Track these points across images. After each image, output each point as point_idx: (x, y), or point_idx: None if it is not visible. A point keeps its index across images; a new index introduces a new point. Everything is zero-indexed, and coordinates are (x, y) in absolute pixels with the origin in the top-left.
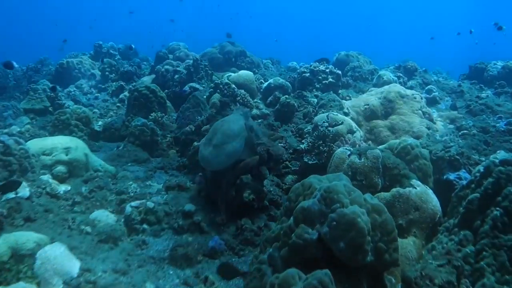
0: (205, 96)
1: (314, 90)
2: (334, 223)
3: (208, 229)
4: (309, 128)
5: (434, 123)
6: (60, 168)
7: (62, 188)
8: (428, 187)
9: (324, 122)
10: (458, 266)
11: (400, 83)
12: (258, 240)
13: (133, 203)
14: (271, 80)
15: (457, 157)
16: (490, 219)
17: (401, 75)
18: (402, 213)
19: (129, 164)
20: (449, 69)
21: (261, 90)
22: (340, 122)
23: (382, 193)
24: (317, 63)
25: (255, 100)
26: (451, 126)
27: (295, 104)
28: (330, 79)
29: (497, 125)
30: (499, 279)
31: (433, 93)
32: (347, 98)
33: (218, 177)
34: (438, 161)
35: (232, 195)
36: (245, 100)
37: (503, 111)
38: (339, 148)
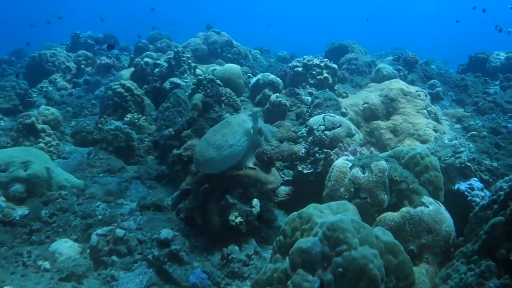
0: (187, 93)
1: (307, 86)
2: (341, 269)
3: (188, 259)
4: (303, 131)
5: (440, 123)
6: (17, 187)
7: (19, 212)
8: (440, 204)
9: (320, 125)
10: None
11: (400, 76)
12: (247, 271)
13: (99, 231)
14: (259, 76)
15: (468, 164)
16: None
17: (401, 68)
18: (413, 237)
19: (101, 175)
20: (443, 57)
21: (249, 86)
22: (338, 125)
23: (389, 213)
24: (311, 56)
25: (242, 98)
26: (458, 125)
27: (287, 103)
28: (325, 74)
29: (509, 125)
30: None
31: (437, 88)
32: (344, 95)
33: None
34: (447, 169)
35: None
36: (231, 100)
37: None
38: (337, 155)
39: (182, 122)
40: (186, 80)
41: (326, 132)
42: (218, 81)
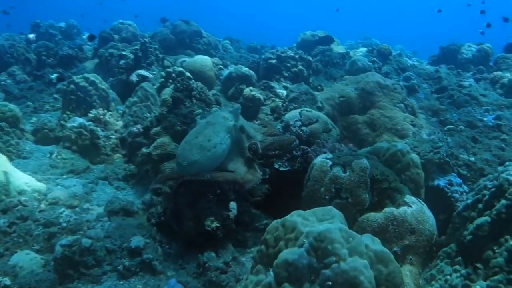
0: (155, 87)
1: (282, 79)
2: (330, 283)
3: (162, 268)
4: (279, 127)
5: (416, 116)
6: None
7: None
8: (423, 203)
9: (296, 120)
10: None
11: (375, 68)
12: (225, 279)
13: (64, 241)
14: (232, 69)
15: (447, 159)
16: (505, 250)
17: (375, 59)
18: (396, 239)
19: (64, 176)
20: (411, 48)
21: (221, 78)
22: (314, 120)
23: (372, 214)
24: (285, 47)
25: (214, 92)
26: (434, 119)
27: (261, 98)
28: (300, 67)
29: (485, 119)
30: None
31: (412, 81)
32: (319, 88)
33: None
34: (426, 164)
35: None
36: (203, 94)
37: (489, 102)
38: (315, 152)
39: (151, 118)
40: (154, 72)
41: (303, 128)
42: (188, 74)
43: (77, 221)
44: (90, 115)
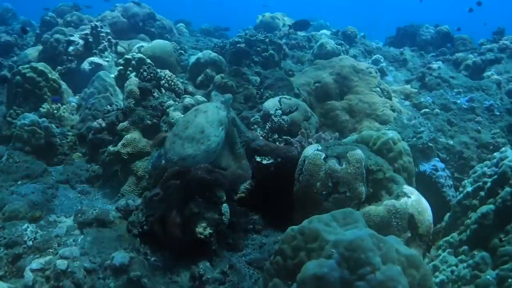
0: (113, 76)
1: (252, 64)
2: None
3: (151, 284)
4: (257, 117)
5: (392, 101)
6: None
7: None
8: (418, 193)
9: (276, 109)
10: None
11: (342, 51)
12: None
13: (34, 264)
14: (200, 55)
15: (430, 144)
16: None
17: (342, 42)
18: (399, 232)
19: (19, 182)
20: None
21: (183, 64)
22: (294, 108)
23: (372, 207)
24: (253, 31)
25: (181, 80)
26: (407, 102)
27: (234, 85)
28: (271, 51)
29: (458, 101)
30: None
31: (381, 64)
32: (290, 73)
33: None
34: (410, 150)
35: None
36: (172, 84)
37: (459, 85)
38: (300, 143)
39: (116, 112)
40: (108, 59)
41: (284, 117)
42: (149, 61)
43: (44, 238)
44: (41, 110)
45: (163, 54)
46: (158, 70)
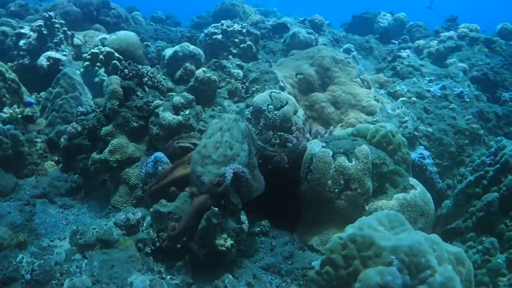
0: (79, 73)
1: (230, 57)
2: None
3: None
4: (247, 113)
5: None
6: None
7: None
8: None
9: (268, 104)
10: None
11: (313, 41)
12: None
13: None
14: (177, 48)
15: (416, 133)
16: None
17: (311, 31)
18: (412, 224)
19: None
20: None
21: (150, 57)
22: (285, 102)
23: (383, 202)
24: (229, 21)
25: (159, 75)
26: (382, 91)
27: (217, 80)
28: (249, 42)
29: (431, 89)
30: None
31: (352, 53)
32: (268, 64)
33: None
34: None
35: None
36: (155, 80)
37: (429, 73)
38: (297, 140)
39: (97, 115)
40: (65, 53)
41: (276, 112)
42: (117, 55)
43: (44, 268)
44: (3, 115)
45: (130, 47)
46: (140, 66)
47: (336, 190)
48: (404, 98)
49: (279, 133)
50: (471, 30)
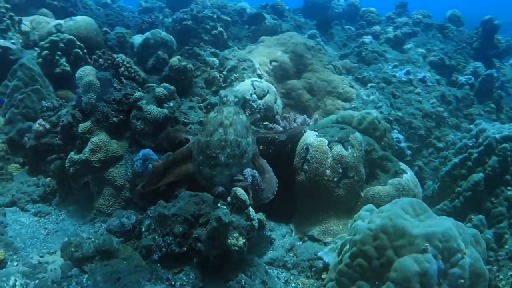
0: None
1: (202, 44)
2: (462, 281)
3: None
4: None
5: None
6: None
7: None
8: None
9: (252, 94)
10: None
11: (277, 26)
12: None
13: None
14: (148, 35)
15: (390, 117)
16: (504, 199)
17: (275, 17)
18: None
19: None
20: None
21: (111, 45)
22: (266, 91)
23: (379, 188)
24: (199, 6)
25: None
26: (350, 77)
27: (193, 68)
28: (220, 28)
29: (397, 74)
30: None
31: (317, 39)
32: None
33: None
34: None
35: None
36: (132, 71)
37: (392, 58)
38: (285, 129)
39: (70, 110)
40: (13, 41)
41: (259, 101)
42: (79, 43)
43: None
44: None
45: (90, 34)
46: (115, 55)
47: (335, 179)
48: (372, 84)
49: (265, 123)
50: (425, 17)
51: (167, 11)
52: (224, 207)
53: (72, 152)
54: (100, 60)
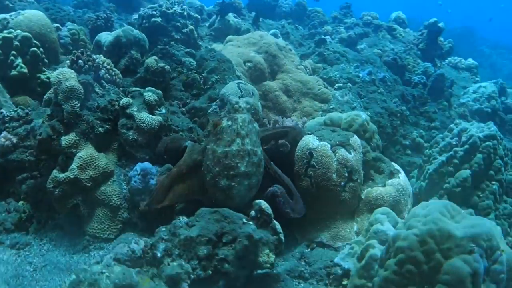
0: None
1: (173, 43)
2: (503, 275)
3: None
4: (215, 107)
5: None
6: None
7: None
8: None
9: (240, 96)
10: None
11: (240, 25)
12: None
13: None
14: (119, 32)
15: None
16: (490, 193)
17: (235, 14)
18: (405, 207)
19: None
20: None
21: (63, 42)
22: (251, 94)
23: (380, 189)
24: (167, 2)
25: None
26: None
27: (170, 70)
28: (190, 26)
29: (360, 75)
30: None
31: (278, 37)
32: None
33: None
34: None
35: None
36: (113, 74)
37: (352, 59)
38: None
39: (46, 120)
40: None
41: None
42: (35, 41)
43: None
44: None
45: (43, 30)
46: (94, 56)
47: (342, 183)
48: (339, 84)
49: None
50: (374, 18)
51: (112, 6)
52: (250, 222)
53: (55, 171)
54: (80, 61)
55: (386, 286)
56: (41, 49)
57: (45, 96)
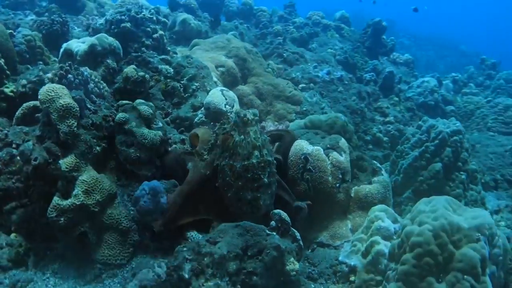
0: None
1: (144, 49)
2: (501, 258)
3: None
4: (200, 116)
5: None
6: None
7: None
8: None
9: (225, 104)
10: None
11: (201, 28)
12: None
13: None
14: (94, 40)
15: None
16: (460, 182)
17: (193, 17)
18: (390, 201)
19: None
20: None
21: (19, 50)
22: (234, 99)
23: (369, 187)
24: (135, 6)
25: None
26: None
27: (149, 79)
28: (160, 31)
29: (319, 75)
30: None
31: (237, 39)
32: (174, 56)
33: None
34: None
35: None
36: (101, 87)
37: (309, 59)
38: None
39: (43, 144)
40: None
41: (232, 111)
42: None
43: None
44: None
45: (2, 35)
46: (81, 69)
47: (337, 185)
48: (302, 85)
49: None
50: (322, 18)
51: (54, 7)
52: (274, 233)
53: (57, 198)
54: (70, 76)
55: (406, 279)
56: (2, 60)
57: (17, 113)
